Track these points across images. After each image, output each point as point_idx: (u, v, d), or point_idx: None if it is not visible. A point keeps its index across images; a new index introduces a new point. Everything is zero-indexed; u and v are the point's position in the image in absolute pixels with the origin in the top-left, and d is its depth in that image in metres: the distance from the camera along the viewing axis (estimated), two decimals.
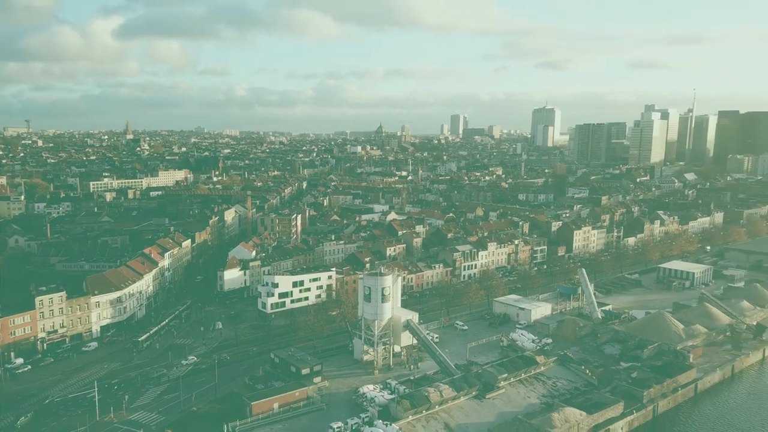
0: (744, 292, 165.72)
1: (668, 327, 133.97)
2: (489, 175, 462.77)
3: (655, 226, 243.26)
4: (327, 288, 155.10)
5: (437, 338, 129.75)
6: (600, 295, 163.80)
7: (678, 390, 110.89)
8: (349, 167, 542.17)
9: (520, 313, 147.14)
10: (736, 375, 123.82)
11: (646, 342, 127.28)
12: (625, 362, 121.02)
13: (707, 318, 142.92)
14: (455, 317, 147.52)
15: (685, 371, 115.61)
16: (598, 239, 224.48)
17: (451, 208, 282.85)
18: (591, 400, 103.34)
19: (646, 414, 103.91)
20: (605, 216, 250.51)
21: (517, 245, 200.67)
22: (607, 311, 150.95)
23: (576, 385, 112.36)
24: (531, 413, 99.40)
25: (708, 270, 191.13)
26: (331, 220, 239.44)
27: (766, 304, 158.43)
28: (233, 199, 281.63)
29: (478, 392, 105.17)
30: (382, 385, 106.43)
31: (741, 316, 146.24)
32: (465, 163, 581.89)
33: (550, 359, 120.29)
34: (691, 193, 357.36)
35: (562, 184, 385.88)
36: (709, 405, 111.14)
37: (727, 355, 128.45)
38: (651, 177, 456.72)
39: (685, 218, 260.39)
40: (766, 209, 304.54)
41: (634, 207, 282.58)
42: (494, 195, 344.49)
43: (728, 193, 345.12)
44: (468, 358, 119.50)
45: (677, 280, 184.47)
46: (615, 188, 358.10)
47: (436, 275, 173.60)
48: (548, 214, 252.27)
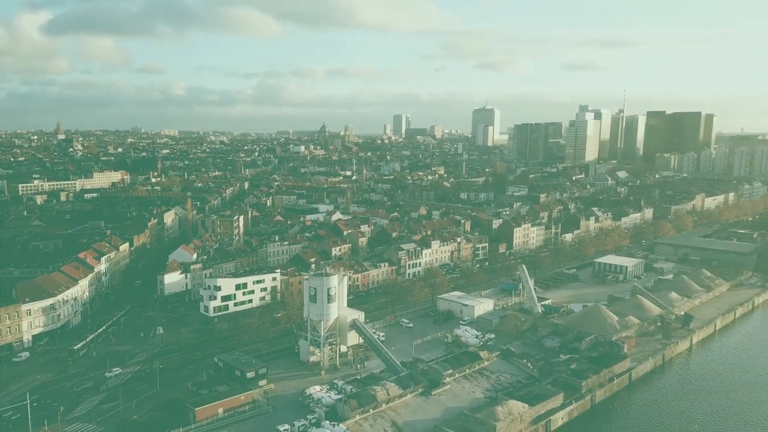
0: (672, 284, 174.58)
1: (604, 319, 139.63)
2: (432, 174, 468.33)
3: (590, 223, 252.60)
4: (271, 290, 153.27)
5: (383, 337, 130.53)
6: (540, 290, 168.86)
7: (614, 379, 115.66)
8: (293, 167, 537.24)
9: (464, 310, 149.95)
10: (666, 363, 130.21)
11: (583, 334, 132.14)
12: (564, 354, 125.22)
13: (639, 309, 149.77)
14: (401, 315, 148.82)
15: (620, 361, 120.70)
16: (537, 236, 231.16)
17: (395, 207, 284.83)
18: (533, 393, 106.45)
19: (585, 403, 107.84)
20: (544, 213, 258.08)
21: (460, 243, 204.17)
22: (547, 305, 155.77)
23: (518, 378, 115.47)
24: (476, 407, 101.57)
25: (640, 263, 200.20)
26: (275, 220, 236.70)
27: (692, 295, 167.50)
28: (173, 200, 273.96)
29: (424, 389, 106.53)
30: (328, 386, 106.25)
31: (670, 306, 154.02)
32: (408, 163, 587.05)
33: (493, 354, 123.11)
34: (623, 191, 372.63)
35: (502, 183, 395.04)
36: (643, 392, 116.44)
37: (658, 345, 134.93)
38: (586, 175, 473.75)
39: (617, 214, 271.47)
40: (691, 205, 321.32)
41: (570, 204, 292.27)
42: (437, 194, 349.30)
43: (657, 190, 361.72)
44: (414, 356, 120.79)
45: (612, 273, 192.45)
46: (552, 186, 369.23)
47: (382, 274, 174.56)
48: (489, 213, 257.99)
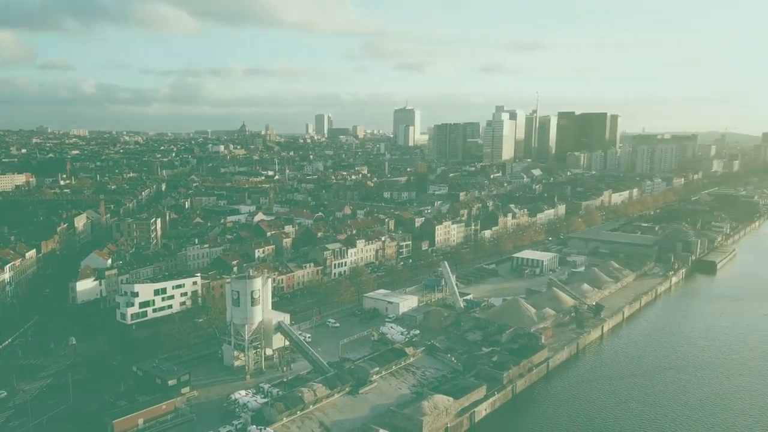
0: (584, 276, 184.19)
1: (522, 312, 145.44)
2: (355, 174, 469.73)
3: (508, 219, 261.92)
4: (192, 294, 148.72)
5: (310, 338, 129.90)
6: (462, 285, 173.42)
7: (533, 369, 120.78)
8: (212, 167, 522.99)
9: (389, 307, 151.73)
10: (580, 351, 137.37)
11: (504, 327, 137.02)
12: (486, 347, 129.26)
13: (555, 301, 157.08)
14: (327, 315, 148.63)
15: (538, 351, 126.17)
16: (457, 233, 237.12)
17: (319, 207, 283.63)
18: (457, 386, 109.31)
19: (506, 394, 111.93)
20: (464, 211, 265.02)
21: (384, 241, 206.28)
22: (469, 300, 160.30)
23: (443, 372, 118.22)
24: (403, 403, 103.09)
25: (554, 257, 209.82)
26: (194, 222, 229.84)
27: (602, 286, 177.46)
28: (84, 203, 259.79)
29: (351, 388, 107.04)
30: (254, 390, 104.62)
31: (583, 297, 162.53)
32: (331, 163, 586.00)
33: (418, 350, 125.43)
34: (538, 188, 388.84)
35: (424, 182, 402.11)
36: (560, 380, 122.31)
37: (573, 334, 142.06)
38: (503, 173, 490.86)
39: (533, 211, 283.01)
40: (600, 201, 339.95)
41: (489, 202, 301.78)
42: (361, 194, 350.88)
43: (569, 187, 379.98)
44: (340, 355, 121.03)
45: (529, 268, 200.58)
46: (471, 185, 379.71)
47: (307, 275, 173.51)
48: (412, 211, 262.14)
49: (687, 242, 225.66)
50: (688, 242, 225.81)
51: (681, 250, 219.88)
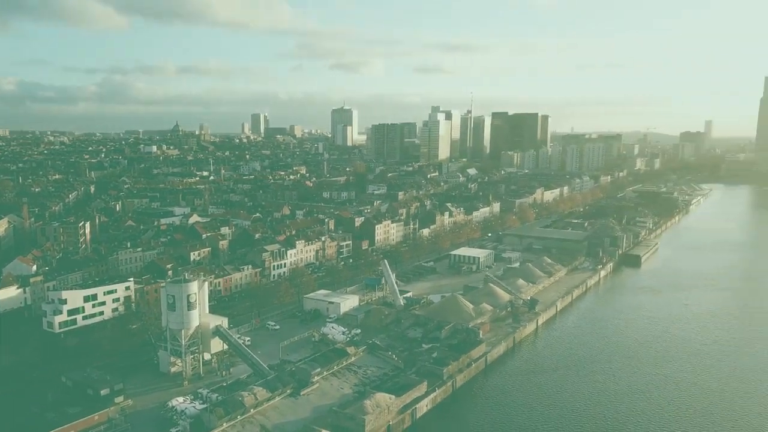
0: (519, 272, 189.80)
1: (461, 308, 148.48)
2: (293, 174, 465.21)
3: (445, 218, 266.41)
4: (125, 300, 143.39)
5: (249, 341, 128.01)
6: (401, 283, 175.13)
7: (472, 364, 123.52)
8: (144, 168, 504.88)
9: (330, 307, 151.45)
10: (517, 345, 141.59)
11: (443, 323, 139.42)
12: (426, 344, 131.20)
13: (492, 297, 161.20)
14: (267, 318, 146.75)
15: (477, 346, 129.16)
16: (397, 232, 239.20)
17: (257, 207, 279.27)
18: (399, 383, 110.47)
19: (447, 389, 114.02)
20: (402, 210, 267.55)
21: (324, 242, 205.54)
22: (409, 298, 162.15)
23: (385, 370, 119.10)
24: (345, 403, 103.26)
25: (490, 254, 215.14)
26: (126, 225, 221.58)
27: (536, 281, 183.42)
28: (5, 207, 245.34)
29: (292, 390, 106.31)
30: (192, 396, 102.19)
31: (518, 292, 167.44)
32: (269, 162, 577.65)
33: (360, 349, 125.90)
34: (474, 187, 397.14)
35: (363, 182, 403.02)
36: (498, 374, 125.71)
37: (509, 328, 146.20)
38: (440, 173, 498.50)
39: (469, 209, 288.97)
40: (532, 198, 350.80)
41: (426, 201, 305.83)
42: (299, 194, 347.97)
43: (503, 186, 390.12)
44: (281, 358, 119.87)
45: (466, 264, 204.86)
46: (410, 184, 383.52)
47: (245, 277, 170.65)
48: (351, 211, 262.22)
49: (614, 237, 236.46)
50: (615, 237, 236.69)
51: (609, 244, 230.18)
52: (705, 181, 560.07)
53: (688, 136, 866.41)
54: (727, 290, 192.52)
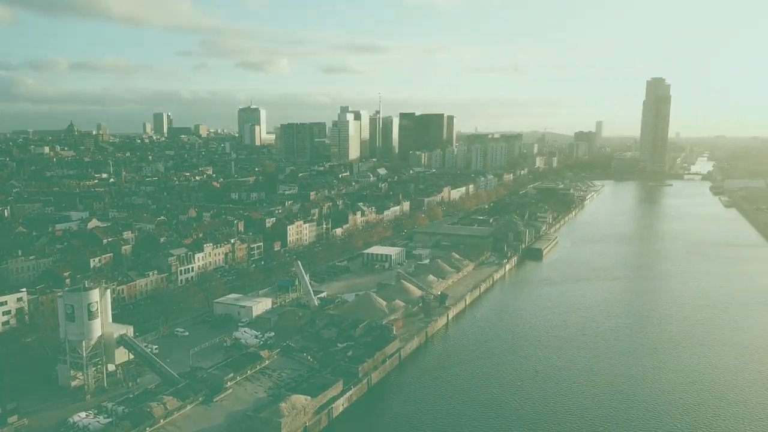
0: (429, 268, 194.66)
1: (374, 305, 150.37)
2: (199, 175, 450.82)
3: (357, 217, 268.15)
4: (17, 312, 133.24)
5: (157, 349, 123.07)
6: (315, 283, 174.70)
7: (386, 360, 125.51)
8: (35, 170, 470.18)
9: (242, 311, 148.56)
10: (429, 339, 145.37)
11: (357, 322, 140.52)
12: (341, 343, 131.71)
13: (404, 293, 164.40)
14: (175, 324, 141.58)
15: (391, 342, 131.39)
16: (309, 232, 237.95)
17: (161, 210, 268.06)
18: (314, 384, 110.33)
19: (362, 387, 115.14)
20: (314, 210, 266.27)
21: (234, 244, 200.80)
22: (323, 298, 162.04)
23: (300, 372, 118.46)
24: (260, 407, 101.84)
25: (402, 252, 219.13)
26: (17, 232, 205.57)
27: (446, 276, 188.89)
28: None
29: (204, 397, 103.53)
30: (96, 410, 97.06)
31: (429, 288, 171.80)
32: (173, 163, 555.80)
33: (274, 352, 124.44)
34: (384, 186, 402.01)
35: (273, 182, 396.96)
36: (412, 368, 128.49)
37: (421, 323, 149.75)
38: (351, 173, 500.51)
39: (380, 208, 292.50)
40: (440, 197, 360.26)
41: (338, 201, 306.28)
42: (206, 195, 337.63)
43: (412, 185, 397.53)
44: (192, 365, 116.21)
45: (378, 263, 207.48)
46: (321, 184, 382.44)
47: (151, 283, 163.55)
48: (262, 212, 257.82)
49: (517, 232, 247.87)
50: (519, 232, 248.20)
51: (512, 239, 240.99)
52: (597, 177, 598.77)
53: (582, 135, 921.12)
54: (618, 279, 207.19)
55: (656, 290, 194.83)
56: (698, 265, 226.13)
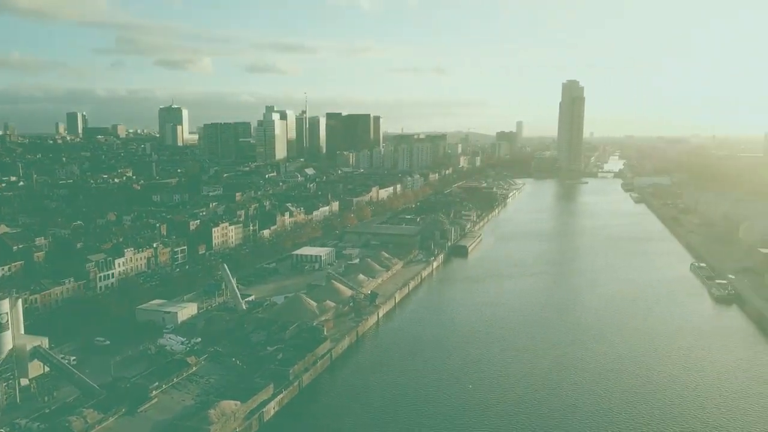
0: (359, 267, 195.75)
1: (304, 307, 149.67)
2: (119, 177, 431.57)
3: (285, 218, 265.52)
4: None
5: (75, 360, 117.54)
6: (243, 287, 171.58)
7: (317, 362, 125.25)
8: None
9: (166, 317, 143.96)
10: (360, 338, 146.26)
11: (287, 324, 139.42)
12: (271, 346, 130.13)
13: (335, 293, 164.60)
14: (95, 333, 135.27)
15: (322, 344, 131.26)
16: (236, 234, 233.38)
17: (78, 214, 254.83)
18: (244, 389, 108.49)
19: (293, 390, 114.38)
20: (240, 212, 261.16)
21: (156, 248, 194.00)
22: (251, 301, 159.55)
23: (229, 377, 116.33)
24: (187, 415, 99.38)
25: (331, 252, 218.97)
26: None
27: (376, 275, 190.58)
28: None
29: (128, 408, 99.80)
30: (8, 428, 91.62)
31: (359, 287, 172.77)
32: (89, 165, 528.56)
33: (201, 358, 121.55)
34: (312, 186, 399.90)
35: (197, 184, 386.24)
36: (343, 369, 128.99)
37: (352, 323, 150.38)
38: (278, 173, 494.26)
39: (309, 208, 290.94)
40: (369, 197, 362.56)
41: (266, 201, 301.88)
42: (126, 198, 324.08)
43: (341, 185, 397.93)
44: (114, 375, 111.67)
45: (308, 264, 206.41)
46: (247, 185, 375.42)
47: (67, 291, 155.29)
48: (185, 214, 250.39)
49: (444, 231, 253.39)
50: (445, 230, 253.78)
51: (439, 237, 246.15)
52: (518, 176, 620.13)
53: (503, 135, 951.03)
54: (539, 274, 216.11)
55: (575, 284, 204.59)
56: (612, 259, 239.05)
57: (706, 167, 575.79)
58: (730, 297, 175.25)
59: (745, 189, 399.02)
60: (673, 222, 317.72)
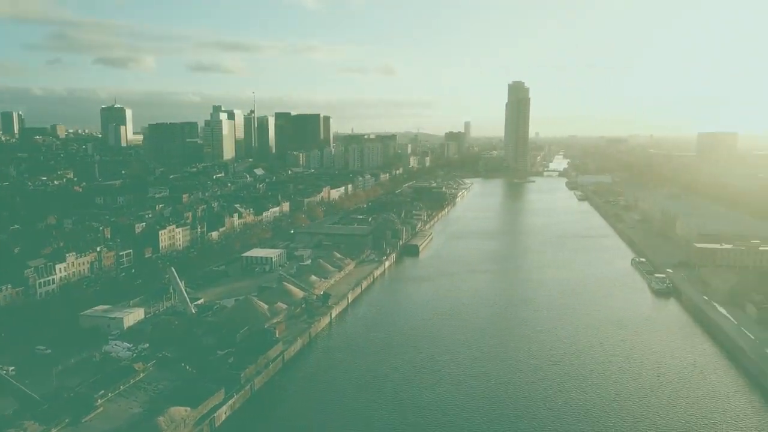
0: (311, 268, 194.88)
1: (256, 310, 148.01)
2: (58, 178, 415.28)
3: (234, 219, 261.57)
4: None
5: (13, 370, 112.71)
6: (192, 290, 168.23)
7: (269, 364, 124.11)
8: None
9: (112, 323, 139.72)
10: (312, 340, 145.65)
11: (238, 327, 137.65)
12: (221, 350, 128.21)
13: (286, 295, 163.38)
14: (36, 342, 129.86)
15: (274, 346, 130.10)
16: (183, 237, 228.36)
17: (15, 218, 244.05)
18: (194, 394, 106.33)
19: (245, 393, 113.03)
20: (188, 213, 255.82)
21: (100, 252, 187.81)
22: (200, 305, 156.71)
23: (178, 383, 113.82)
24: (135, 423, 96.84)
25: (282, 253, 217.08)
26: None
27: (328, 276, 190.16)
28: None
29: (71, 419, 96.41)
30: None
31: (311, 289, 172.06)
32: (27, 167, 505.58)
33: (149, 364, 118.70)
34: (262, 187, 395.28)
35: (142, 185, 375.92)
36: (296, 371, 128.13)
37: (305, 324, 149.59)
38: (226, 173, 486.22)
39: (259, 209, 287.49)
40: (320, 197, 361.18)
41: (214, 203, 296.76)
42: (67, 200, 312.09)
43: (291, 185, 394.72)
44: (56, 384, 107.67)
45: (259, 265, 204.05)
46: (194, 186, 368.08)
47: (4, 298, 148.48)
48: (130, 217, 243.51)
49: (395, 230, 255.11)
50: (396, 230, 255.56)
51: (391, 237, 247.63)
52: (467, 176, 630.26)
53: (452, 135, 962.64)
54: (489, 272, 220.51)
55: (524, 280, 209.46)
56: (558, 255, 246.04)
57: (644, 166, 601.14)
58: (668, 290, 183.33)
59: (680, 187, 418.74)
60: (615, 219, 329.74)
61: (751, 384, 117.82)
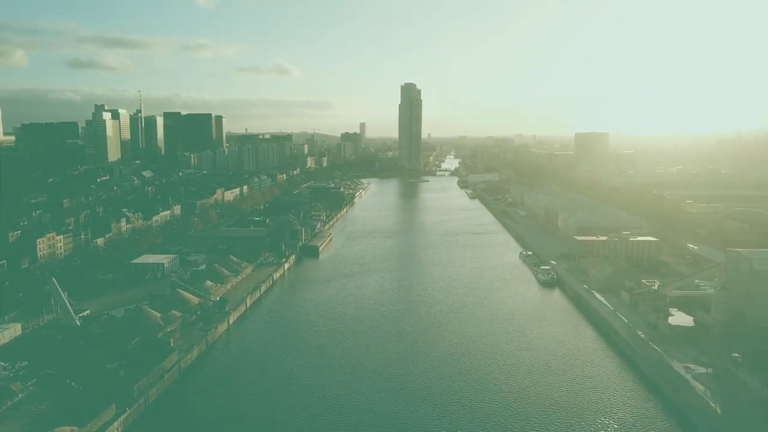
0: (206, 273, 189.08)
1: (147, 318, 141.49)
2: None
3: (121, 224, 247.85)
4: None
5: None
6: (76, 301, 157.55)
7: (165, 375, 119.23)
8: None
9: None
10: (210, 347, 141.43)
11: (129, 338, 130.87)
12: (111, 363, 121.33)
13: (181, 302, 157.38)
14: None
15: (168, 356, 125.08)
16: (65, 244, 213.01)
17: None
18: (82, 412, 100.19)
19: (139, 407, 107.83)
20: (70, 219, 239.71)
21: None
22: (86, 317, 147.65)
23: (63, 401, 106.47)
24: None
25: (175, 258, 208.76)
26: None
27: (225, 280, 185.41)
28: None
29: None
30: None
31: (207, 295, 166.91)
32: None
33: (28, 384, 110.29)
34: (151, 190, 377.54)
35: (16, 190, 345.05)
36: (193, 380, 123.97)
37: (201, 332, 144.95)
38: (111, 176, 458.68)
39: (148, 214, 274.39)
40: (213, 199, 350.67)
41: (98, 207, 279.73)
42: None
43: (182, 187, 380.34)
44: None
45: (150, 272, 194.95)
46: (76, 190, 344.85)
47: None
48: (3, 224, 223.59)
49: (294, 231, 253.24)
50: (295, 231, 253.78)
51: (290, 238, 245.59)
52: (364, 176, 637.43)
53: (348, 136, 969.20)
54: (387, 270, 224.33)
55: (420, 277, 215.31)
56: (452, 252, 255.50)
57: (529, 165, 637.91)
58: (552, 281, 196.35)
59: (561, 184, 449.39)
60: (503, 215, 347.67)
61: (625, 362, 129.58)
